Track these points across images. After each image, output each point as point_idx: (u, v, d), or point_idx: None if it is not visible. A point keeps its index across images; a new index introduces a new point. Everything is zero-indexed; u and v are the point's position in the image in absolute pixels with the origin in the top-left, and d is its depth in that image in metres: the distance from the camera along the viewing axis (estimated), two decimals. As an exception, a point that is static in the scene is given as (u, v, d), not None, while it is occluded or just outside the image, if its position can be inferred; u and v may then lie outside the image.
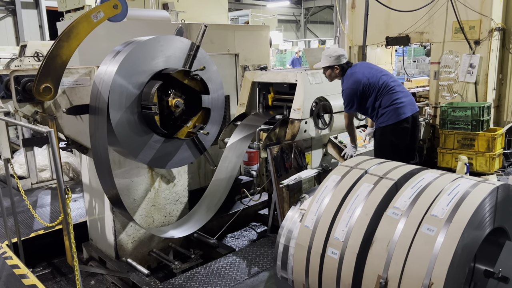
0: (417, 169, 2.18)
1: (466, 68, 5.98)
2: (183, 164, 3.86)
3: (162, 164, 3.62)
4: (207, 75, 3.64)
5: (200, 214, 3.97)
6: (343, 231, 2.00)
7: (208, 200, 4.06)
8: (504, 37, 6.00)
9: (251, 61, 6.59)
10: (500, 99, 6.23)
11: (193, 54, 3.50)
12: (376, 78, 3.94)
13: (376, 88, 3.92)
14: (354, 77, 3.94)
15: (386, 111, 3.89)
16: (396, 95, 3.91)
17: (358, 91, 3.91)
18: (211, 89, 3.64)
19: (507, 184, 1.97)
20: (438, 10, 6.11)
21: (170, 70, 3.34)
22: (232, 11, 18.07)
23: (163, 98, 3.40)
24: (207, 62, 3.66)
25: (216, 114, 3.86)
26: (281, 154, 3.88)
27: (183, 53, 3.55)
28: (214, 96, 3.73)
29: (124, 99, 3.18)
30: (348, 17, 7.26)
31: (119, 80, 3.13)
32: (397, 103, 3.88)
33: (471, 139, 5.67)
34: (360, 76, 3.93)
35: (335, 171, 2.28)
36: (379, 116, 3.95)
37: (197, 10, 8.78)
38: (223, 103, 3.90)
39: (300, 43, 22.32)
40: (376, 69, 4.10)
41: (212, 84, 3.69)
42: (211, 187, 4.12)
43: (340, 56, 3.96)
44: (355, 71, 3.98)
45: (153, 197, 3.95)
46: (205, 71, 3.61)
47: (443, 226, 1.76)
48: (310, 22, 28.42)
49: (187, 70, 3.41)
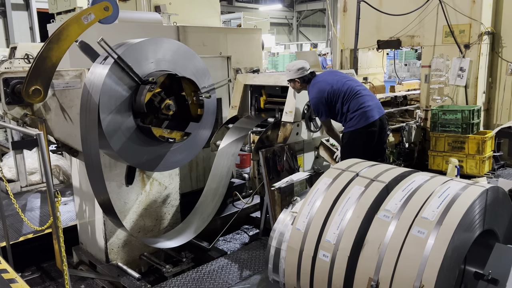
0: (408, 172, 2.19)
1: (456, 71, 6.03)
2: (174, 168, 3.84)
3: (152, 167, 3.60)
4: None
5: (194, 223, 3.96)
6: (335, 233, 2.00)
7: (202, 208, 4.05)
8: (494, 41, 6.07)
9: (244, 64, 6.59)
10: (490, 102, 6.29)
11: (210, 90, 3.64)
12: (340, 84, 4.00)
13: (341, 94, 3.97)
14: (317, 86, 4.02)
15: (355, 115, 3.93)
16: (363, 99, 3.95)
17: (324, 98, 3.98)
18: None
19: (496, 187, 1.98)
20: (429, 14, 6.17)
21: (185, 76, 3.39)
22: (225, 14, 18.08)
23: (161, 93, 3.42)
24: (205, 74, 3.75)
25: (208, 118, 3.87)
26: (273, 157, 3.88)
27: (176, 55, 3.55)
28: (206, 99, 3.74)
29: (114, 102, 3.17)
30: (340, 20, 7.29)
31: (110, 83, 3.11)
32: (364, 106, 3.93)
33: (462, 142, 5.71)
34: (323, 85, 4.01)
35: (327, 174, 2.28)
36: (347, 120, 4.00)
37: (189, 12, 8.76)
38: (215, 107, 3.91)
39: (293, 46, 22.39)
40: (341, 75, 4.18)
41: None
42: (205, 195, 4.12)
43: (300, 69, 4.04)
44: (318, 80, 4.07)
45: (144, 200, 3.93)
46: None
47: (434, 229, 1.77)
48: (302, 25, 28.55)
49: (197, 87, 3.46)
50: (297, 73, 4.03)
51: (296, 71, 4.04)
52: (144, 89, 3.22)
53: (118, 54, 3.09)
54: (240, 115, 4.77)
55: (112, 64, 3.11)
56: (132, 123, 3.30)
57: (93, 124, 3.07)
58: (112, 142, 3.20)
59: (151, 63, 3.39)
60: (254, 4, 23.90)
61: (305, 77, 4.05)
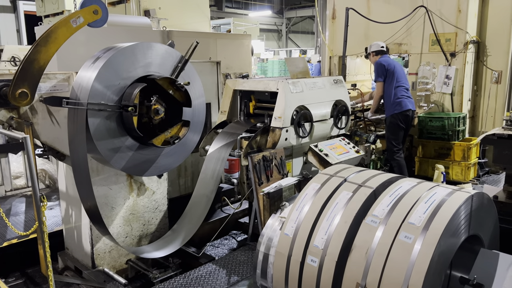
0: (395, 178, 2.22)
1: (443, 79, 6.14)
2: (162, 172, 3.82)
3: (140, 172, 3.58)
4: (190, 86, 3.67)
5: (183, 231, 3.94)
6: (323, 239, 2.01)
7: (190, 214, 4.03)
8: (479, 49, 6.20)
9: (233, 69, 6.61)
10: (475, 110, 6.40)
11: (181, 67, 3.51)
12: (399, 71, 5.86)
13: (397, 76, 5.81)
14: (386, 59, 5.96)
15: (399, 100, 5.74)
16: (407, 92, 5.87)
17: (384, 67, 5.79)
18: (193, 97, 3.65)
19: (481, 193, 2.01)
20: (416, 22, 6.27)
21: (156, 76, 3.32)
22: (214, 19, 18.12)
23: (144, 102, 3.38)
24: (193, 75, 3.69)
25: (197, 122, 3.86)
26: (262, 162, 3.88)
27: (165, 61, 3.55)
28: (195, 104, 3.74)
29: (104, 105, 3.15)
30: (328, 27, 7.37)
31: (98, 87, 3.09)
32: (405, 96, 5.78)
33: (448, 148, 5.80)
34: (390, 61, 5.91)
35: (315, 179, 2.29)
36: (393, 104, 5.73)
37: (179, 17, 8.75)
38: (204, 111, 3.91)
39: (282, 52, 22.52)
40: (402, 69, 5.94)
41: (194, 92, 3.70)
42: (193, 201, 4.10)
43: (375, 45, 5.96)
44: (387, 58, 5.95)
45: (132, 205, 3.89)
46: (188, 79, 3.63)
47: (420, 234, 1.79)
48: (292, 31, 28.73)
49: (173, 79, 3.41)
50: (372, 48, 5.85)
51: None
52: (129, 118, 3.20)
53: (87, 102, 3.03)
54: (229, 120, 4.77)
55: (100, 68, 3.09)
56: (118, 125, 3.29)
57: (81, 128, 3.04)
58: (100, 147, 3.18)
59: (139, 68, 3.38)
60: (244, 10, 24.00)
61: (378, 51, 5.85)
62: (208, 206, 4.09)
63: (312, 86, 4.51)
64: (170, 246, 3.86)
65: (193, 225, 4.02)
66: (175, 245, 3.87)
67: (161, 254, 3.75)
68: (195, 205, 4.13)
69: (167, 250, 3.80)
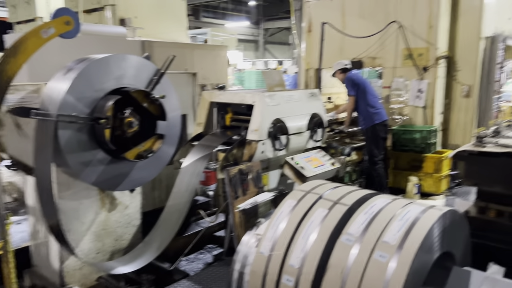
0: (370, 194, 2.23)
1: (415, 93, 6.28)
2: (136, 186, 3.74)
3: (112, 186, 3.49)
4: (166, 99, 3.63)
5: (154, 244, 3.84)
6: (298, 257, 1.99)
7: (162, 228, 3.94)
8: (449, 64, 6.37)
9: (209, 80, 6.57)
10: (446, 123, 6.55)
11: (157, 80, 3.46)
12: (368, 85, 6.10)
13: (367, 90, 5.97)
14: (355, 74, 6.11)
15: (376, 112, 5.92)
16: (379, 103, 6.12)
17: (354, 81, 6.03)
18: (168, 110, 3.60)
19: (454, 210, 2.04)
20: (389, 37, 6.41)
21: (130, 88, 3.26)
22: (192, 29, 18.06)
23: (117, 115, 3.31)
24: (169, 88, 3.64)
25: (172, 135, 3.81)
26: (238, 175, 3.85)
27: (140, 73, 3.50)
28: (170, 117, 3.69)
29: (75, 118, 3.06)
30: (305, 40, 7.45)
31: (70, 98, 3.01)
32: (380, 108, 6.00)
33: (420, 161, 5.91)
34: (358, 76, 6.20)
35: (291, 196, 2.28)
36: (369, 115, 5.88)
37: (156, 27, 8.65)
38: (179, 124, 3.86)
39: (259, 62, 22.64)
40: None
41: (169, 105, 3.65)
42: (165, 213, 4.01)
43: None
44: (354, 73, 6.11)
45: (104, 220, 3.78)
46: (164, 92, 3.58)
47: (395, 253, 1.80)
48: (269, 42, 28.96)
49: (147, 92, 3.36)
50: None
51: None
52: (101, 131, 3.12)
53: (56, 114, 2.94)
54: (205, 132, 4.73)
55: (73, 80, 3.00)
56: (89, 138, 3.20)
57: (48, 141, 2.93)
58: (71, 160, 3.08)
59: (112, 80, 3.31)
60: (221, 20, 24.05)
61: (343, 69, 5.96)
62: (181, 219, 4.01)
63: (289, 99, 4.52)
64: (140, 260, 3.75)
65: (165, 238, 3.92)
66: (146, 259, 3.76)
67: (131, 268, 3.64)
68: (167, 218, 4.04)
69: (137, 264, 3.69)
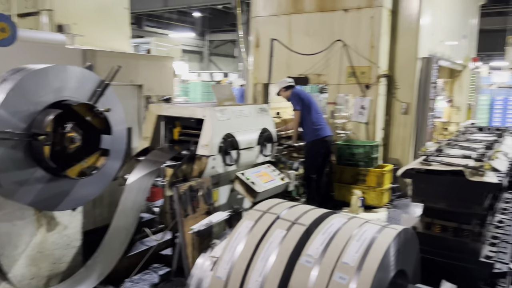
0: (326, 214, 2.23)
1: (358, 109, 6.52)
2: (78, 206, 3.50)
3: (51, 206, 3.23)
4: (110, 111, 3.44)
5: (98, 268, 3.60)
6: (257, 281, 1.94)
7: (107, 250, 3.71)
8: (389, 82, 6.71)
9: (155, 91, 6.39)
10: (387, 138, 6.87)
11: (101, 92, 3.27)
12: (313, 101, 6.18)
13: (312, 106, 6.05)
14: (299, 91, 6.23)
15: (318, 127, 5.98)
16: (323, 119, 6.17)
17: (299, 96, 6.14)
18: (113, 123, 3.42)
19: (407, 228, 2.10)
20: (334, 55, 6.64)
21: (72, 102, 3.05)
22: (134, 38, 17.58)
23: (57, 130, 3.08)
24: (114, 99, 3.47)
25: (118, 150, 3.61)
26: (188, 192, 3.73)
27: (82, 84, 3.29)
28: (115, 131, 3.50)
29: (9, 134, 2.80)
30: (252, 55, 7.50)
31: (3, 113, 2.75)
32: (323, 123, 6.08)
33: (364, 174, 6.12)
34: (303, 92, 6.30)
35: (248, 216, 2.22)
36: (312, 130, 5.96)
37: (96, 35, 8.26)
38: (125, 138, 3.68)
39: (205, 74, 22.53)
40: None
41: (114, 118, 3.46)
42: (110, 234, 3.78)
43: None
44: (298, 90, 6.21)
45: (40, 242, 3.48)
46: (108, 104, 3.39)
47: (355, 274, 1.80)
48: (214, 54, 28.95)
49: (91, 105, 3.16)
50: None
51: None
52: (39, 147, 2.89)
53: None
54: (152, 146, 4.55)
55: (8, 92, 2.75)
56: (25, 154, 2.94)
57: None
58: (3, 180, 2.81)
59: (51, 93, 3.08)
60: (165, 30, 23.67)
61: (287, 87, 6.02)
62: (128, 240, 3.81)
63: (239, 114, 4.50)
64: (82, 285, 3.50)
65: (110, 261, 3.70)
66: (88, 284, 3.52)
67: None
68: (112, 239, 3.82)
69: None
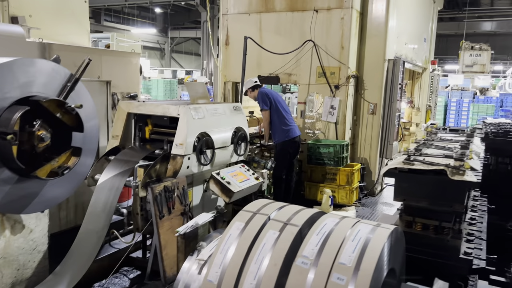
0: (317, 214, 2.21)
1: (328, 109, 6.60)
2: (47, 207, 3.29)
3: (18, 209, 3.01)
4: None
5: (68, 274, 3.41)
6: (251, 284, 1.88)
7: (77, 254, 3.51)
8: (358, 83, 6.83)
9: (120, 88, 6.16)
10: (354, 138, 7.00)
11: (71, 86, 3.07)
12: (282, 100, 6.23)
13: (280, 106, 6.07)
14: (266, 90, 6.19)
15: (288, 128, 6.01)
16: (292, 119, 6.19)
17: (267, 95, 6.09)
18: (84, 119, 3.23)
19: (397, 227, 2.11)
20: (304, 55, 6.67)
21: (40, 97, 2.85)
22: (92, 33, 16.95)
23: (25, 128, 2.87)
24: (84, 94, 3.29)
25: (90, 147, 3.43)
26: (164, 193, 3.61)
27: (51, 79, 3.09)
28: (87, 127, 3.32)
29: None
30: (222, 53, 7.40)
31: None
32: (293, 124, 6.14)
33: (334, 173, 6.20)
34: (270, 91, 6.24)
35: (238, 218, 2.16)
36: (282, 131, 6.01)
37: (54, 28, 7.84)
38: (97, 135, 3.50)
39: (167, 71, 22.09)
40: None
41: (85, 114, 3.28)
42: (80, 238, 3.59)
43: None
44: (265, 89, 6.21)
45: (3, 247, 3.23)
46: (79, 99, 3.20)
47: (352, 275, 1.78)
48: (175, 51, 28.47)
49: (61, 101, 2.96)
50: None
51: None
52: (5, 147, 2.68)
53: None
54: (122, 146, 4.38)
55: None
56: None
57: None
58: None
59: (16, 88, 2.86)
60: (125, 26, 23.00)
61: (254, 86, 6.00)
62: (99, 244, 3.65)
63: (214, 113, 4.41)
64: None
65: (81, 267, 3.52)
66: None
67: None
68: (83, 243, 3.63)
69: None
